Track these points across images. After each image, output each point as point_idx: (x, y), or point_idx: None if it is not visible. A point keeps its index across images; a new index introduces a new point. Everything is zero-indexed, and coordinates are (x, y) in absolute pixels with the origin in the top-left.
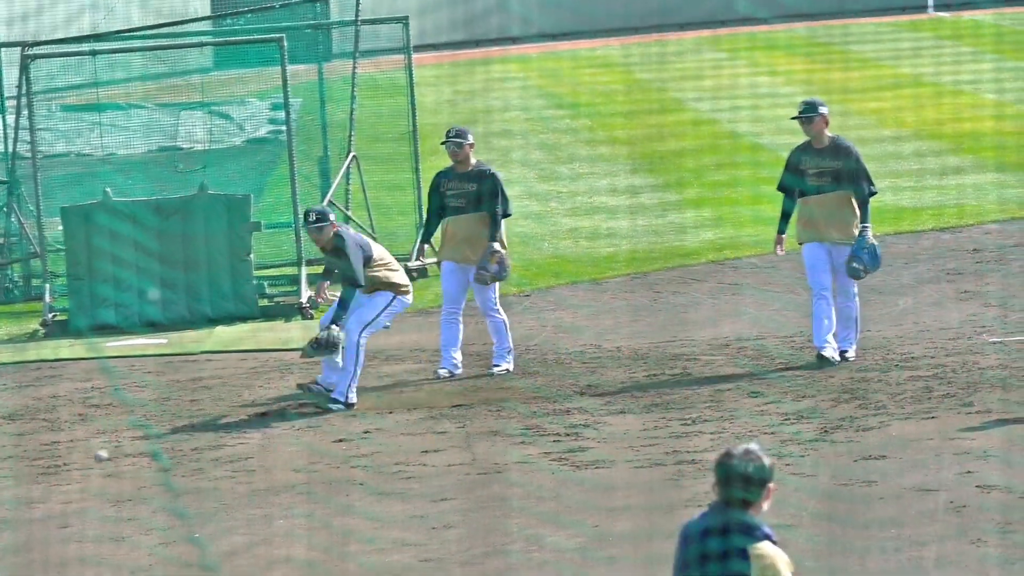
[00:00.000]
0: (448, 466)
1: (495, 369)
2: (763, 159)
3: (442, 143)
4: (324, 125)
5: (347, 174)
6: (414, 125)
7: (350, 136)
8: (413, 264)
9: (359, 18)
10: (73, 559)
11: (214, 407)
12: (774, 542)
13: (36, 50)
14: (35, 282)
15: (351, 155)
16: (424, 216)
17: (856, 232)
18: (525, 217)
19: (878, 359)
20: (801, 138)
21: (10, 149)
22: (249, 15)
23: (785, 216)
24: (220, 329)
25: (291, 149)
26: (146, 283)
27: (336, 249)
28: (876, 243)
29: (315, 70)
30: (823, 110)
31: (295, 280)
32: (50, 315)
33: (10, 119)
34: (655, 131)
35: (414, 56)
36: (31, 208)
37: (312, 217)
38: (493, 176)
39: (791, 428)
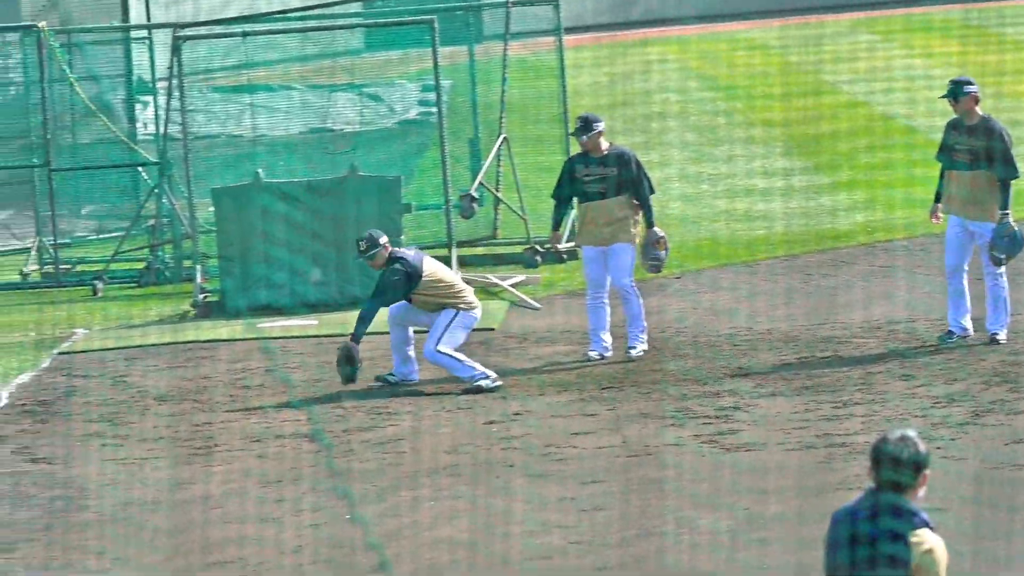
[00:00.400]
0: (598, 448)
1: (632, 352)
2: (916, 141)
3: (573, 133)
4: (475, 107)
5: (498, 156)
6: (565, 107)
7: (501, 118)
8: (562, 246)
9: (510, 0)
10: (226, 540)
11: (364, 388)
12: (932, 529)
13: (187, 32)
14: (186, 263)
15: (502, 137)
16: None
17: (997, 215)
18: (677, 199)
19: None
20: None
21: (162, 131)
22: None
23: (938, 191)
24: None
25: (442, 131)
26: (299, 264)
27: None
28: (1017, 228)
29: (466, 52)
30: (971, 89)
31: (446, 262)
32: (201, 296)
33: (161, 101)
34: (808, 113)
35: (566, 38)
36: (182, 190)
37: (362, 247)
38: (633, 157)
39: (941, 411)
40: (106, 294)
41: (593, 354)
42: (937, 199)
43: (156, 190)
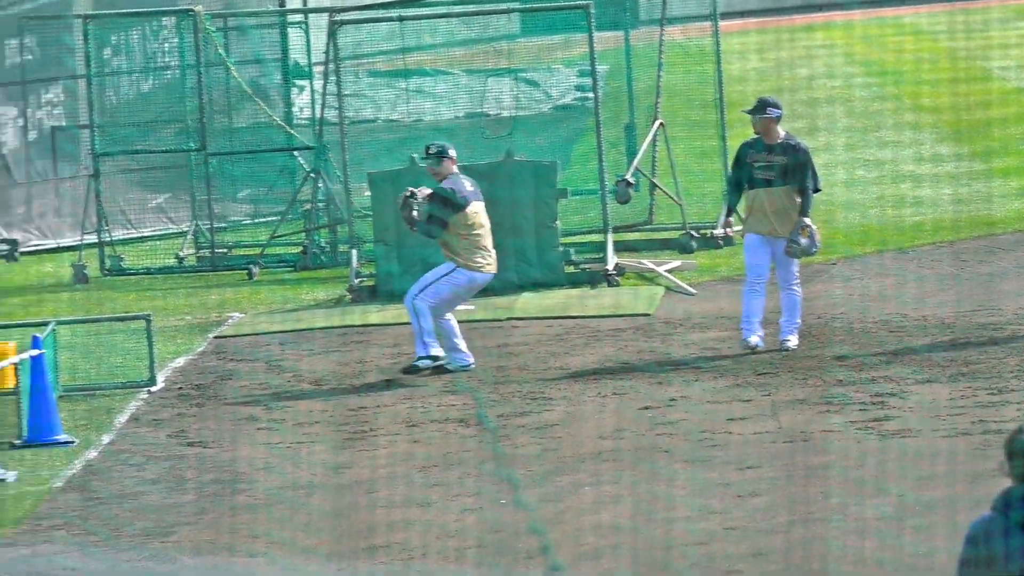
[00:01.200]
0: (754, 434)
1: (786, 344)
2: None
3: (747, 111)
4: (631, 92)
5: (654, 141)
6: (721, 93)
7: (657, 103)
8: (718, 232)
9: None
10: (384, 523)
11: (519, 374)
12: None
13: (344, 16)
14: (342, 248)
15: (658, 122)
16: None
17: None
18: (832, 185)
19: None
20: None
21: (318, 115)
22: None
23: None
24: (526, 295)
25: (598, 116)
26: None
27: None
28: None
29: (621, 36)
30: None
31: (601, 247)
32: (357, 280)
33: (318, 85)
34: (968, 100)
35: (729, 23)
36: (338, 174)
37: (432, 150)
38: (804, 150)
39: None
40: (262, 278)
41: (753, 339)
42: None
43: (312, 174)
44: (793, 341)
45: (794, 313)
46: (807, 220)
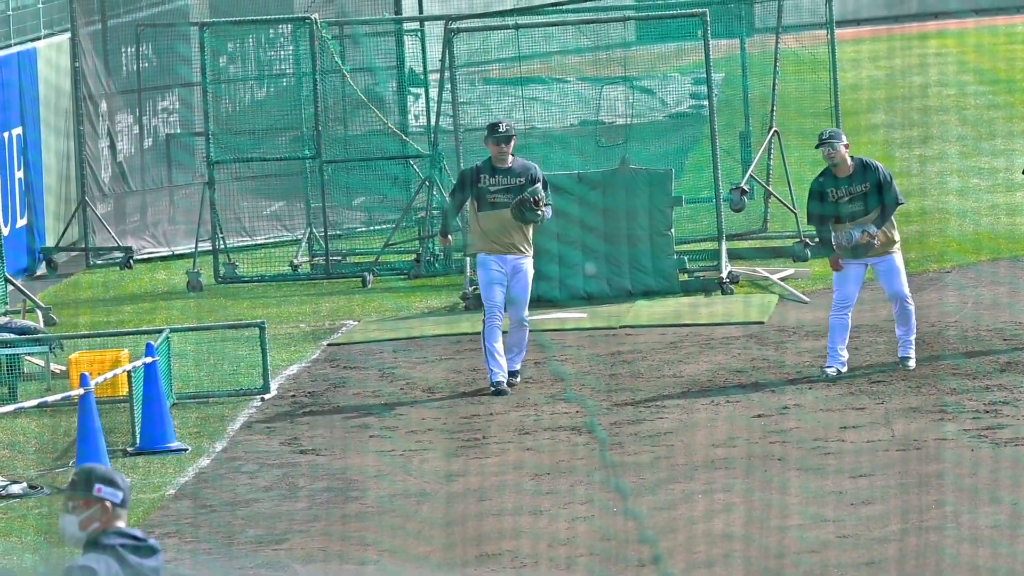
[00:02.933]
0: (867, 442)
1: (906, 363)
2: None
3: (816, 147)
4: (746, 100)
5: (768, 149)
6: (836, 101)
7: (772, 111)
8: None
9: None
10: (496, 532)
11: (633, 382)
12: None
13: (459, 24)
14: (456, 256)
15: (772, 130)
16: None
17: None
18: (946, 193)
19: None
20: None
21: (433, 123)
22: None
23: None
24: (640, 303)
25: (713, 124)
26: (569, 256)
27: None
28: None
29: (737, 45)
30: None
31: (715, 255)
32: (471, 288)
33: (433, 93)
34: None
35: (843, 31)
36: (453, 182)
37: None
38: (877, 168)
39: None
40: (376, 285)
41: (832, 371)
42: None
43: (427, 182)
44: (912, 361)
45: (909, 327)
46: (874, 229)
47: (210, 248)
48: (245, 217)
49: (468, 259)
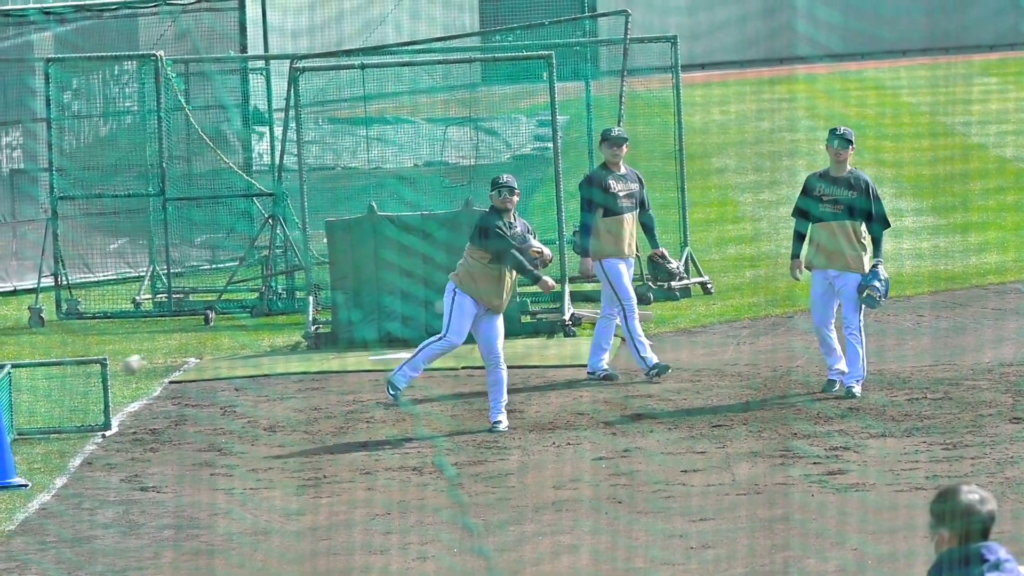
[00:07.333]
0: (707, 486)
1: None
2: None
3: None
4: (591, 142)
5: None
6: (680, 144)
7: None
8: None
9: (628, 37)
10: (339, 570)
11: (474, 422)
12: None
13: (305, 63)
14: (299, 295)
15: None
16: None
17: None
18: (785, 237)
19: None
20: None
21: (277, 161)
22: (517, 31)
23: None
24: None
25: (557, 166)
26: (414, 295)
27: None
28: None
29: (582, 87)
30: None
31: (558, 297)
32: (313, 327)
33: (277, 131)
34: (921, 155)
35: (692, 75)
36: (296, 220)
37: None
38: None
39: None
40: (219, 323)
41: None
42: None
43: (270, 220)
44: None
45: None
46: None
47: (53, 284)
48: (89, 253)
49: (311, 298)
